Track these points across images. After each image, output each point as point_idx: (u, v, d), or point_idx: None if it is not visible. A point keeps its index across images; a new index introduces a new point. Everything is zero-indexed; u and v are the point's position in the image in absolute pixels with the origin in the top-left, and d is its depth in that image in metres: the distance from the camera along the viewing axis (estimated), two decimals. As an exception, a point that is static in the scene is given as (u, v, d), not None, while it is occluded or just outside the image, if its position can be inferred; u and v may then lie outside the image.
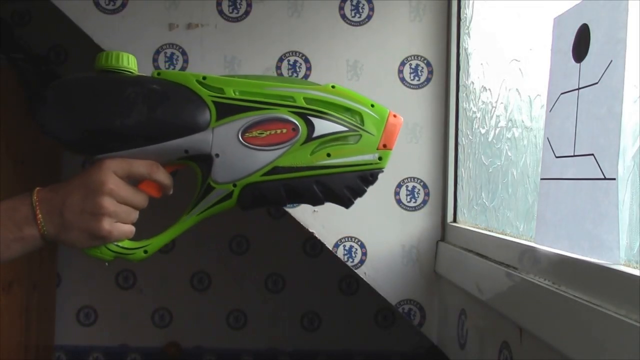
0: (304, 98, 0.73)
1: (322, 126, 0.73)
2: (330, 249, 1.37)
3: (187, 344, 2.26)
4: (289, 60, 1.38)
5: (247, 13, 1.38)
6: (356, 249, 1.37)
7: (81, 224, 0.71)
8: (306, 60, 1.38)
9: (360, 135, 0.73)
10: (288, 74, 1.37)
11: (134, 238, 0.76)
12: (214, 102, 0.73)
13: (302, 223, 1.37)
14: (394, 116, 0.75)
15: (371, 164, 0.74)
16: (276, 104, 0.72)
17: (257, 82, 0.74)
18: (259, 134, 0.72)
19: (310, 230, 1.37)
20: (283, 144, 0.72)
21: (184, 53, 1.37)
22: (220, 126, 0.72)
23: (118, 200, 0.72)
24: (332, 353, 2.25)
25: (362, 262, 1.37)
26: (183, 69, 1.38)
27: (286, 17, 1.38)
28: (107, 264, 0.76)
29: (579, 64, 0.75)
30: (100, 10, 1.38)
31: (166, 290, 2.27)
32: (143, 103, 0.72)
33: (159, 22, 1.38)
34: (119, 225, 0.72)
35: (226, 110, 0.72)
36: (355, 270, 1.37)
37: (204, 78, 0.74)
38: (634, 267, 0.66)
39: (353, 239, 1.37)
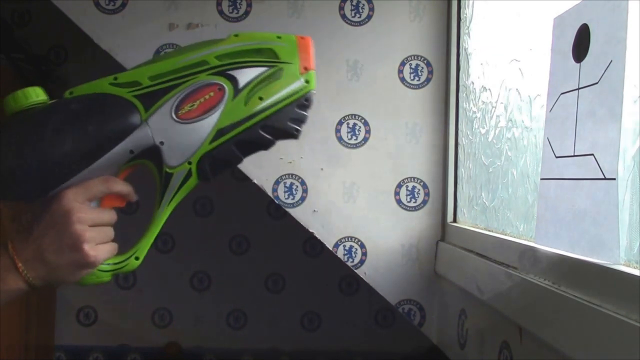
0: (215, 57, 0.74)
1: (244, 75, 0.74)
2: (330, 249, 1.37)
3: (187, 344, 2.26)
4: (289, 60, 1.37)
5: (247, 13, 1.38)
6: (356, 249, 1.37)
7: (65, 260, 0.71)
8: (306, 60, 1.37)
9: (281, 69, 0.74)
10: (288, 74, 1.37)
11: (120, 252, 0.76)
12: (135, 96, 0.73)
13: (302, 223, 1.37)
14: (302, 38, 0.76)
15: (301, 89, 0.75)
16: (193, 73, 0.73)
17: (166, 62, 0.74)
18: (190, 107, 0.72)
19: (310, 230, 1.37)
20: (216, 106, 0.73)
21: (184, 53, 1.37)
22: (152, 115, 0.72)
23: (90, 225, 0.71)
24: (332, 353, 2.25)
25: (362, 262, 1.37)
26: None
27: (286, 17, 1.38)
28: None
29: (579, 64, 0.75)
30: (100, 10, 1.37)
31: (166, 290, 2.27)
32: (72, 126, 0.71)
33: (159, 22, 1.38)
34: (100, 246, 0.72)
35: (150, 99, 0.73)
36: (355, 270, 1.37)
37: (116, 78, 0.74)
38: (634, 267, 0.66)
39: (353, 239, 1.37)
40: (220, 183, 2.19)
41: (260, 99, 0.73)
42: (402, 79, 1.37)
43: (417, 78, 1.37)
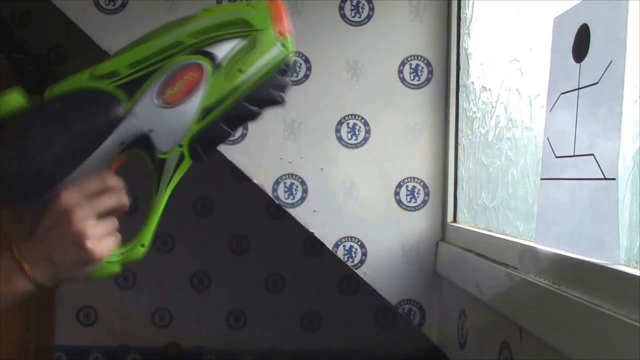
0: (189, 35, 0.73)
1: (220, 50, 0.73)
2: (330, 249, 1.37)
3: (187, 344, 2.26)
4: (289, 60, 1.37)
5: (247, 13, 1.38)
6: (356, 249, 1.37)
7: (71, 258, 0.71)
8: (306, 60, 1.38)
9: (255, 37, 0.73)
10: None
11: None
12: (116, 87, 0.72)
13: (302, 223, 1.37)
14: (273, 2, 0.76)
15: (279, 55, 0.74)
16: (169, 56, 0.72)
17: (142, 47, 0.73)
18: (172, 90, 0.72)
19: (310, 230, 1.37)
20: (197, 86, 0.72)
21: (184, 53, 1.37)
22: (136, 104, 0.72)
23: (90, 220, 0.71)
24: (332, 353, 2.25)
25: (362, 262, 1.37)
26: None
27: (286, 17, 1.38)
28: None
29: (579, 64, 0.75)
30: (100, 10, 1.37)
31: (166, 290, 2.27)
32: (57, 127, 0.71)
33: (159, 22, 1.37)
34: (104, 240, 0.72)
35: (131, 87, 0.72)
36: (355, 270, 1.37)
37: (93, 71, 0.73)
38: (634, 267, 0.66)
39: (353, 239, 1.37)
40: (220, 183, 2.19)
41: (240, 71, 0.72)
42: (402, 79, 1.37)
43: (417, 78, 1.37)
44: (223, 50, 0.73)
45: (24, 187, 0.72)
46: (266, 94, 0.74)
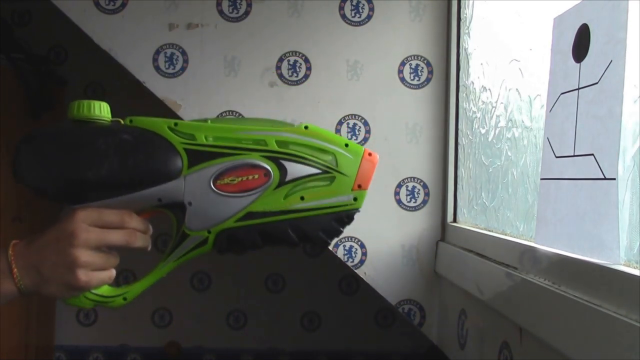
0: (276, 141, 0.72)
1: (295, 169, 0.72)
2: (330, 249, 1.37)
3: (187, 344, 2.26)
4: (289, 60, 1.38)
5: (247, 13, 1.38)
6: (356, 249, 1.37)
7: (57, 277, 0.71)
8: (306, 60, 1.38)
9: (334, 177, 0.73)
10: (288, 74, 1.37)
11: (116, 283, 0.76)
12: (185, 149, 0.72)
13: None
14: (369, 154, 0.75)
15: (346, 205, 0.73)
16: (248, 149, 0.72)
17: (228, 127, 0.73)
18: (230, 180, 0.72)
19: (310, 230, 1.37)
20: (255, 189, 0.72)
21: (184, 53, 1.37)
22: (192, 174, 0.72)
23: (91, 249, 0.71)
24: (332, 353, 2.25)
25: (362, 262, 1.37)
26: (183, 69, 1.37)
27: (286, 17, 1.38)
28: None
29: (579, 64, 0.75)
30: (100, 10, 1.38)
31: (166, 290, 2.27)
32: (115, 153, 0.72)
33: (159, 22, 1.38)
34: (96, 273, 0.72)
35: (198, 157, 0.72)
36: (355, 270, 1.37)
37: (176, 124, 0.73)
38: (634, 267, 0.66)
39: (353, 239, 1.37)
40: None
41: (302, 198, 0.72)
42: (402, 79, 1.37)
43: (417, 78, 1.37)
44: (297, 171, 0.72)
45: (56, 188, 0.73)
46: (312, 231, 0.73)
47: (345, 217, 0.73)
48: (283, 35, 1.38)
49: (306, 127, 0.74)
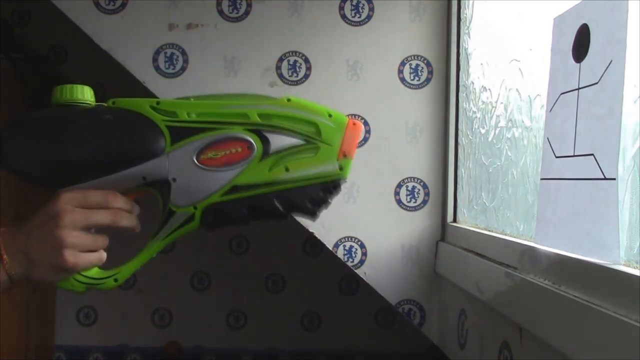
0: (258, 114, 0.72)
1: (278, 141, 0.72)
2: (330, 249, 1.37)
3: (187, 344, 2.26)
4: (289, 60, 1.38)
5: (247, 13, 1.38)
6: (356, 249, 1.37)
7: (45, 260, 0.71)
8: (306, 60, 1.38)
9: (319, 147, 0.72)
10: (288, 74, 1.37)
11: (107, 265, 0.76)
12: (167, 126, 0.73)
13: (302, 223, 1.37)
14: (354, 124, 0.74)
15: (332, 174, 0.73)
16: (230, 122, 0.72)
17: (210, 103, 0.73)
18: (213, 154, 0.72)
19: (310, 230, 1.37)
20: (239, 162, 0.72)
21: (184, 53, 1.37)
22: (175, 150, 0.72)
23: (77, 230, 0.71)
24: (332, 353, 2.25)
25: (362, 262, 1.37)
26: (183, 69, 1.38)
27: (286, 17, 1.38)
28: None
29: (579, 64, 0.75)
30: (100, 10, 1.38)
31: (166, 290, 2.27)
32: (97, 134, 0.72)
33: (159, 22, 1.38)
34: (84, 254, 0.72)
35: (180, 133, 0.72)
36: (355, 270, 1.37)
37: (158, 103, 0.74)
38: (634, 267, 0.66)
39: (353, 239, 1.37)
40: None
41: (287, 169, 0.72)
42: (402, 79, 1.37)
43: (417, 78, 1.37)
44: (280, 142, 0.72)
45: (40, 171, 0.73)
46: (300, 202, 0.73)
47: (332, 186, 0.73)
48: (283, 35, 1.38)
49: (289, 100, 0.74)
